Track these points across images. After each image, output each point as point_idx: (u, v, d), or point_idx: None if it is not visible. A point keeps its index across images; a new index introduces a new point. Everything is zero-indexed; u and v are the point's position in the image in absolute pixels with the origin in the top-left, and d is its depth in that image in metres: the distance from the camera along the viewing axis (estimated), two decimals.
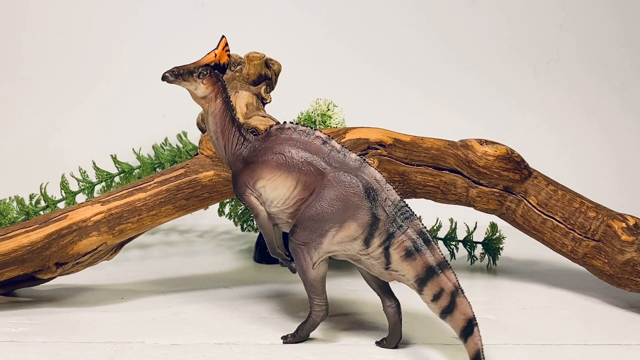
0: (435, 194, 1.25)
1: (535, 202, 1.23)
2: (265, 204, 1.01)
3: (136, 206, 1.16)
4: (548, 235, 1.23)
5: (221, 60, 1.01)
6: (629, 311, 1.18)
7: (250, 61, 1.29)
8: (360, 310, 1.16)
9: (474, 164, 1.22)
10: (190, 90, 1.01)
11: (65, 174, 1.49)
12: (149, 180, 1.19)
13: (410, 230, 0.96)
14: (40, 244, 1.14)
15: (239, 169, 1.03)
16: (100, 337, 1.04)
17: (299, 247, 0.99)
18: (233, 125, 1.03)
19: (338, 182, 0.97)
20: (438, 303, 0.95)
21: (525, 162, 1.24)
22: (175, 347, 1.01)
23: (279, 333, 1.05)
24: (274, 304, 1.18)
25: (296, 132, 1.01)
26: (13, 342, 1.03)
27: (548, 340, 1.05)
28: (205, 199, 1.19)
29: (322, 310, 1.01)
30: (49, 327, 1.08)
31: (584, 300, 1.23)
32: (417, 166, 1.23)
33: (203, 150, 1.20)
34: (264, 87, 1.30)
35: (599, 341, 1.05)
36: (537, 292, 1.27)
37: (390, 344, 1.01)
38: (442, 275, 0.94)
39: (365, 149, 1.20)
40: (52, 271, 1.15)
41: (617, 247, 1.16)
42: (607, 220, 1.19)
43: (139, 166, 1.51)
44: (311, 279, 0.99)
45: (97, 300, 1.21)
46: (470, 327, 0.92)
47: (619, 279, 1.17)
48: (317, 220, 0.97)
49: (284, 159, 1.00)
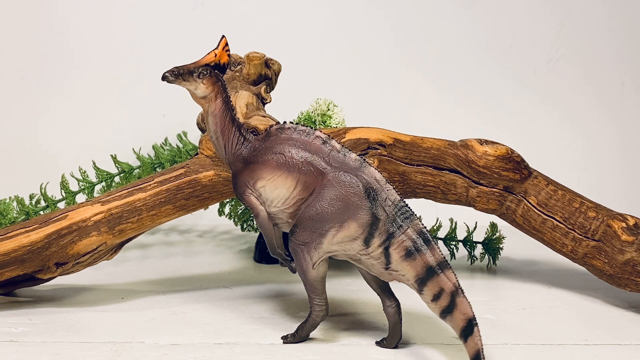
0: (435, 194, 1.25)
1: (535, 202, 1.23)
2: (265, 204, 1.01)
3: (136, 206, 1.16)
4: (548, 235, 1.23)
5: (221, 60, 1.01)
6: (629, 311, 1.18)
7: (250, 61, 1.29)
8: (360, 310, 1.16)
9: (474, 164, 1.22)
10: (190, 90, 1.01)
11: (65, 174, 1.49)
12: (149, 180, 1.19)
13: (410, 230, 0.96)
14: (40, 244, 1.14)
15: (239, 169, 1.03)
16: (100, 337, 1.04)
17: (299, 247, 0.99)
18: (233, 125, 1.03)
19: (338, 182, 0.97)
20: (438, 303, 0.95)
21: (525, 162, 1.24)
22: (175, 347, 1.01)
23: (279, 333, 1.05)
24: (274, 304, 1.18)
25: (296, 132, 1.01)
26: (13, 342, 1.03)
27: (548, 340, 1.05)
28: (205, 199, 1.19)
29: (322, 310, 1.01)
30: (49, 327, 1.08)
31: (584, 300, 1.23)
32: (417, 166, 1.23)
33: (203, 150, 1.20)
34: (264, 87, 1.30)
35: (599, 341, 1.05)
36: (537, 292, 1.27)
37: (390, 344, 1.01)
38: (442, 275, 0.94)
39: (365, 149, 1.20)
40: (52, 271, 1.15)
41: (617, 247, 1.16)
42: (607, 220, 1.19)
43: (139, 166, 1.51)
44: (311, 279, 0.99)
45: (97, 300, 1.21)
46: (470, 327, 0.92)
47: (619, 279, 1.17)
48: (317, 220, 0.97)
49: (284, 159, 1.00)
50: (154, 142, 1.59)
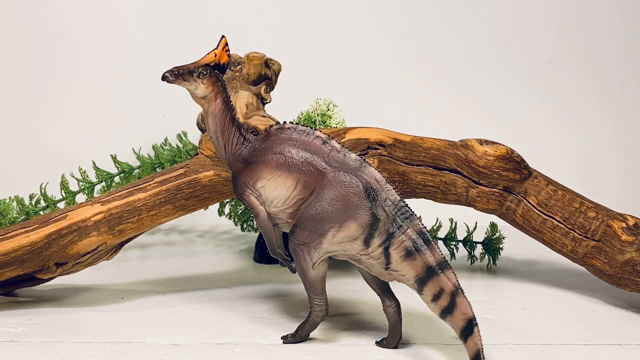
0: (435, 194, 1.25)
1: (535, 202, 1.23)
2: (265, 204, 1.01)
3: (136, 206, 1.16)
4: (548, 235, 1.23)
5: (221, 60, 1.01)
6: (629, 311, 1.18)
7: (250, 61, 1.29)
8: (360, 310, 1.16)
9: (474, 164, 1.22)
10: (190, 90, 1.01)
11: (65, 174, 1.49)
12: (149, 180, 1.19)
13: (410, 230, 0.96)
14: (40, 244, 1.14)
15: (239, 169, 1.03)
16: (100, 337, 1.04)
17: (299, 247, 0.99)
18: (233, 125, 1.03)
19: (338, 182, 0.97)
20: (438, 303, 0.95)
21: (525, 162, 1.24)
22: (175, 347, 1.01)
23: (279, 333, 1.05)
24: (274, 304, 1.18)
25: (296, 132, 1.01)
26: (13, 342, 1.03)
27: (548, 340, 1.05)
28: (205, 199, 1.19)
29: (322, 310, 1.01)
30: (49, 327, 1.08)
31: (584, 300, 1.23)
32: (417, 166, 1.23)
33: (203, 150, 1.20)
34: (264, 87, 1.30)
35: (599, 341, 1.05)
36: (537, 292, 1.27)
37: (390, 344, 1.01)
38: (442, 275, 0.94)
39: (365, 149, 1.20)
40: (52, 271, 1.15)
41: (617, 247, 1.16)
42: (607, 220, 1.19)
43: (139, 166, 1.51)
44: (311, 279, 0.99)
45: (97, 300, 1.21)
46: (470, 327, 0.92)
47: (619, 279, 1.17)
48: (317, 220, 0.97)
49: (284, 159, 1.00)
50: (154, 142, 1.59)
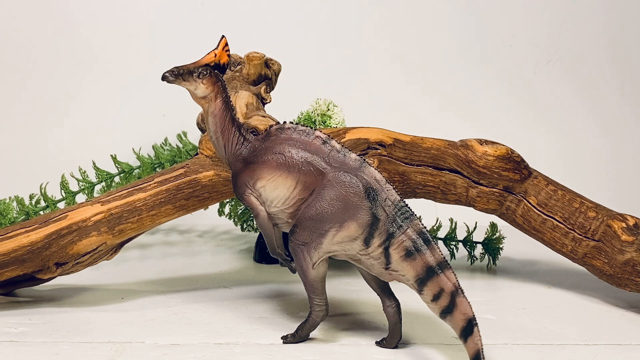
0: (435, 194, 1.25)
1: (535, 202, 1.23)
2: (265, 204, 1.01)
3: (136, 206, 1.16)
4: (548, 235, 1.23)
5: (221, 60, 1.01)
6: (629, 311, 1.18)
7: (250, 61, 1.29)
8: (360, 310, 1.16)
9: (474, 164, 1.22)
10: (190, 90, 1.01)
11: (65, 174, 1.49)
12: (149, 180, 1.19)
13: (410, 230, 0.96)
14: (40, 244, 1.14)
15: (238, 169, 1.03)
16: (100, 337, 1.04)
17: (299, 247, 0.99)
18: (233, 125, 1.03)
19: (338, 182, 0.97)
20: (438, 303, 0.95)
21: (525, 162, 1.24)
22: (175, 347, 1.01)
23: (279, 333, 1.05)
24: (274, 304, 1.18)
25: (296, 132, 1.01)
26: (13, 342, 1.03)
27: (548, 340, 1.05)
28: (205, 199, 1.19)
29: (322, 310, 1.01)
30: (49, 327, 1.08)
31: (584, 300, 1.23)
32: (417, 166, 1.23)
33: (203, 150, 1.20)
34: (264, 87, 1.30)
35: (599, 341, 1.05)
36: (537, 292, 1.27)
37: (390, 344, 1.01)
38: (442, 275, 0.94)
39: (365, 149, 1.20)
40: (52, 271, 1.15)
41: (617, 247, 1.16)
42: (607, 220, 1.19)
43: (139, 166, 1.51)
44: (311, 279, 0.99)
45: (97, 300, 1.21)
46: (470, 327, 0.92)
47: (619, 279, 1.17)
48: (317, 220, 0.97)
49: (284, 159, 1.00)
50: (154, 142, 1.59)
